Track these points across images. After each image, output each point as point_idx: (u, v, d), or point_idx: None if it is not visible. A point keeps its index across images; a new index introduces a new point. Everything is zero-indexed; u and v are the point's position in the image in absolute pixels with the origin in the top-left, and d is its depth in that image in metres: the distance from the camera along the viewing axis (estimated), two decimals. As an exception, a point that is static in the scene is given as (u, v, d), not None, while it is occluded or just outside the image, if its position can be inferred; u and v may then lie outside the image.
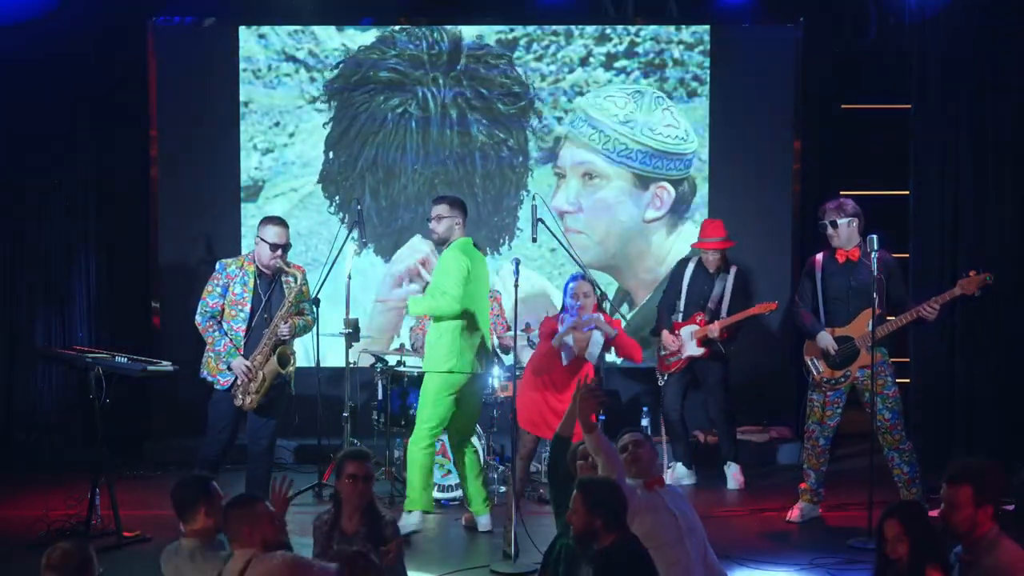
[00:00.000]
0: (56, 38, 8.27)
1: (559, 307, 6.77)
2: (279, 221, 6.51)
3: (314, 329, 7.06)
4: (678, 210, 8.91)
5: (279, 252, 6.41)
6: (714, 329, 7.59)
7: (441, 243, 6.55)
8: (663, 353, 7.82)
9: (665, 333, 7.75)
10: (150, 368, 6.48)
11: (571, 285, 6.52)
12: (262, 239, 6.42)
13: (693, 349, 7.67)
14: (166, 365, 6.52)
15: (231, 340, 6.40)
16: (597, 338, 6.45)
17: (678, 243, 8.86)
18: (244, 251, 8.81)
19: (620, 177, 8.89)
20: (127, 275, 8.74)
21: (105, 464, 6.49)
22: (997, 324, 7.63)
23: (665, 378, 7.83)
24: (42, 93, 8.35)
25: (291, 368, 6.45)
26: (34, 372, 8.44)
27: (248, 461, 6.63)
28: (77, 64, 8.38)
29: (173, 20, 8.77)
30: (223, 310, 6.44)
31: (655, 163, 8.88)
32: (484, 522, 6.65)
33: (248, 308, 6.43)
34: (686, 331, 7.69)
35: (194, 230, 8.82)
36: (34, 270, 8.50)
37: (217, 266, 6.54)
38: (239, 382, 6.38)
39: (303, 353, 7.47)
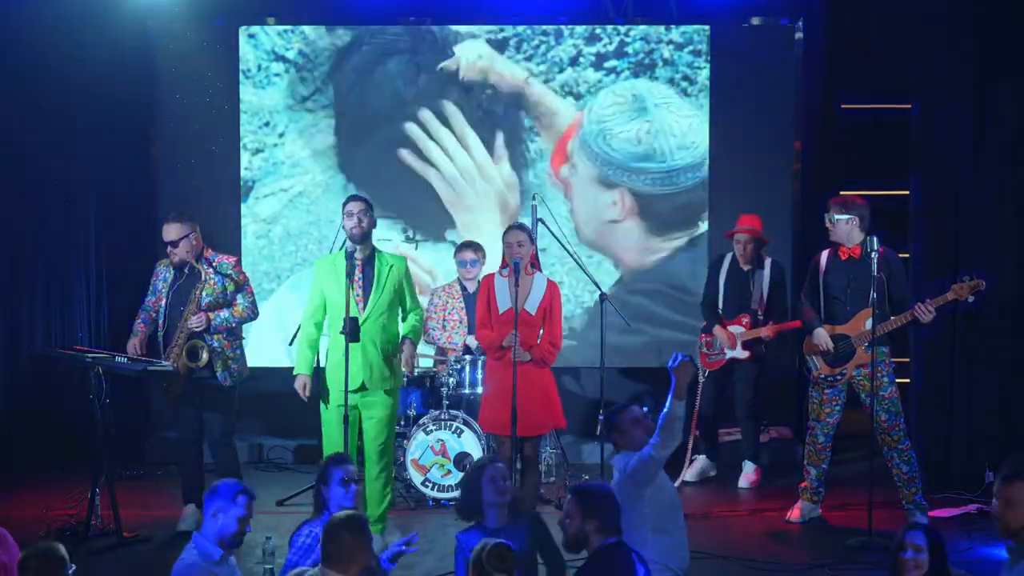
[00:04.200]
0: (56, 38, 8.26)
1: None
2: (169, 218, 6.72)
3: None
4: (678, 222, 8.90)
5: (170, 248, 6.64)
6: (768, 333, 7.58)
7: (362, 240, 6.37)
8: (708, 351, 7.81)
9: (718, 329, 7.70)
10: (150, 368, 6.51)
11: (506, 235, 6.40)
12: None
13: (738, 352, 7.66)
14: (166, 365, 6.55)
15: (141, 330, 6.76)
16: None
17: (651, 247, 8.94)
18: (243, 251, 8.84)
19: (588, 171, 8.88)
20: (127, 275, 8.72)
21: (105, 464, 6.50)
22: (997, 324, 7.63)
23: (705, 374, 7.83)
24: (42, 93, 8.34)
25: (202, 362, 6.56)
26: (34, 372, 8.43)
27: (213, 457, 6.87)
28: (77, 64, 8.36)
29: (173, 20, 8.77)
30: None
31: (608, 170, 8.85)
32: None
33: (164, 303, 6.71)
34: (730, 333, 7.70)
35: (194, 230, 8.81)
36: (34, 270, 8.50)
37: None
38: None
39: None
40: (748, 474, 7.85)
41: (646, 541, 4.95)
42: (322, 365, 6.49)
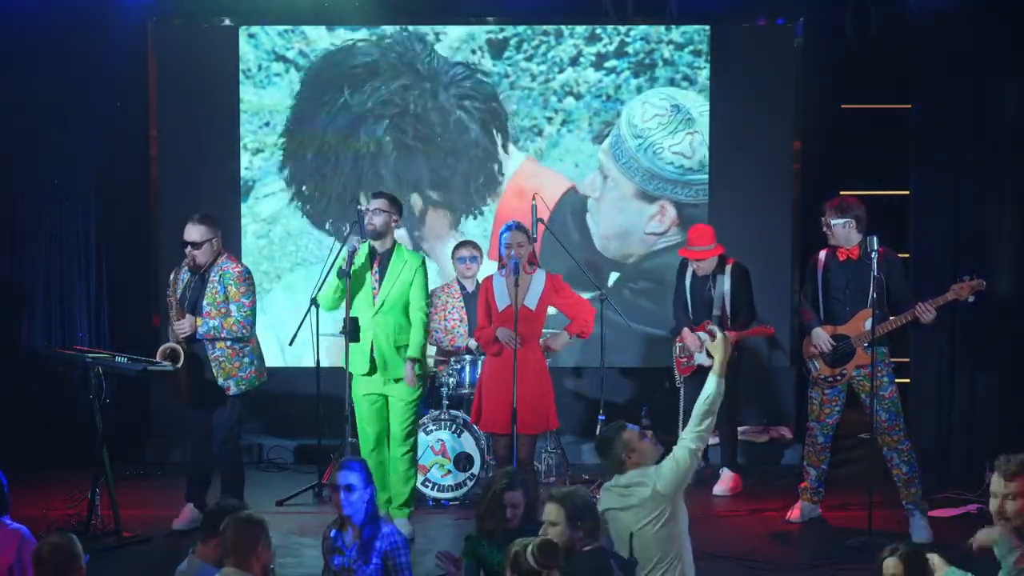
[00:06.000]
0: (56, 38, 8.26)
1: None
2: (195, 219, 6.70)
3: (313, 329, 7.11)
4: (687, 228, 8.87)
5: (188, 249, 6.62)
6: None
7: (376, 237, 6.52)
8: (680, 355, 7.77)
9: (686, 332, 7.63)
10: (150, 368, 6.51)
11: (505, 235, 6.43)
12: None
13: (703, 358, 7.62)
14: (166, 365, 6.54)
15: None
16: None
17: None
18: (243, 251, 8.83)
19: (626, 185, 8.85)
20: (127, 275, 8.73)
21: (105, 464, 6.50)
22: (997, 324, 7.63)
23: (682, 379, 7.80)
24: (42, 93, 8.34)
25: (179, 364, 6.54)
26: (34, 372, 8.43)
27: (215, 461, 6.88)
28: (77, 64, 8.37)
29: (173, 20, 8.78)
30: None
31: (655, 184, 8.84)
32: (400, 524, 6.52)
33: (174, 301, 6.71)
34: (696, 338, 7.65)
35: (194, 230, 8.81)
36: (34, 270, 8.50)
37: None
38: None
39: (302, 352, 7.48)
40: (724, 480, 7.71)
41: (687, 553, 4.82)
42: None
